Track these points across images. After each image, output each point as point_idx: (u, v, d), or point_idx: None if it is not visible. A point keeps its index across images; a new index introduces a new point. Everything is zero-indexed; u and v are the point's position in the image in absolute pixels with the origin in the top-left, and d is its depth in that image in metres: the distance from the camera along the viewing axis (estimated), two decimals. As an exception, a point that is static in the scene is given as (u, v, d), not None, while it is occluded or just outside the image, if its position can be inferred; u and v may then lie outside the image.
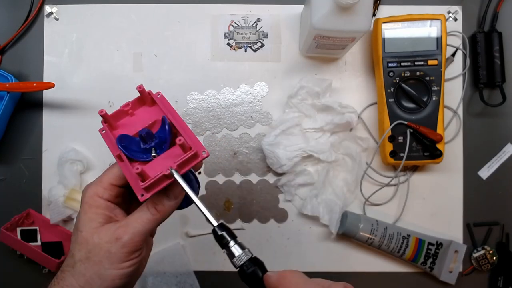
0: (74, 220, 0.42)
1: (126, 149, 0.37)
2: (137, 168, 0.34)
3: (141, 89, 0.40)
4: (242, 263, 0.30)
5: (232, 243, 0.31)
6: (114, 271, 0.36)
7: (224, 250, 0.31)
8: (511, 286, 0.65)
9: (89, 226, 0.37)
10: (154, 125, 0.40)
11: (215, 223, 0.32)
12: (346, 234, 0.63)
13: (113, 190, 0.39)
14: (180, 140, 0.35)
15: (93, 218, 0.37)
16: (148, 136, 0.38)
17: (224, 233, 0.31)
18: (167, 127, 0.38)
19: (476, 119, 0.67)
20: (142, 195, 0.35)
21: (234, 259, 0.30)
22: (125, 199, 0.41)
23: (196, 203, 0.33)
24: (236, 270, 0.31)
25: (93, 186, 0.39)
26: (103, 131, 0.40)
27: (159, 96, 0.41)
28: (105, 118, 0.38)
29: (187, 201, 0.39)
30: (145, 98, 0.40)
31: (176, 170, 0.35)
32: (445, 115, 0.63)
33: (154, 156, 0.37)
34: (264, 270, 0.30)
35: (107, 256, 0.36)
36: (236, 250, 0.31)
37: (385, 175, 0.66)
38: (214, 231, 0.32)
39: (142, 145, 0.38)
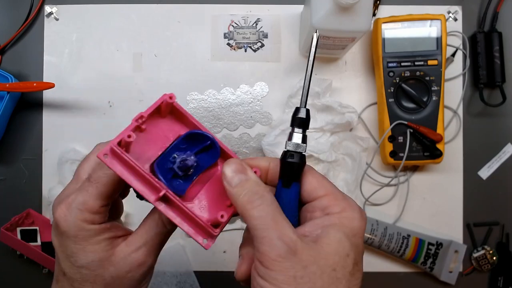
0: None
1: (171, 185, 0.31)
2: (222, 216, 0.30)
3: (172, 100, 0.31)
4: (292, 149, 0.31)
5: (300, 130, 0.31)
6: None
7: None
8: (511, 286, 0.65)
9: (94, 258, 0.32)
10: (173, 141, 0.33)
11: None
12: (346, 234, 0.63)
13: (104, 211, 0.33)
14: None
15: (95, 250, 0.32)
16: (190, 164, 0.32)
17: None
18: (218, 147, 0.33)
19: (476, 119, 0.67)
20: (206, 241, 0.31)
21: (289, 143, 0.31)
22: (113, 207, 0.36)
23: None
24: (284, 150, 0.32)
25: (74, 211, 0.31)
26: (107, 159, 0.29)
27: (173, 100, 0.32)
28: (124, 143, 0.29)
29: None
30: (162, 108, 0.32)
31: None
32: (445, 115, 0.63)
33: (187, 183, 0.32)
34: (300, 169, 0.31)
35: (131, 284, 0.33)
36: (297, 137, 0.31)
37: (385, 175, 0.66)
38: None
39: (180, 173, 0.32)
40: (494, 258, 0.65)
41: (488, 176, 0.67)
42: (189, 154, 0.32)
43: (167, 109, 0.32)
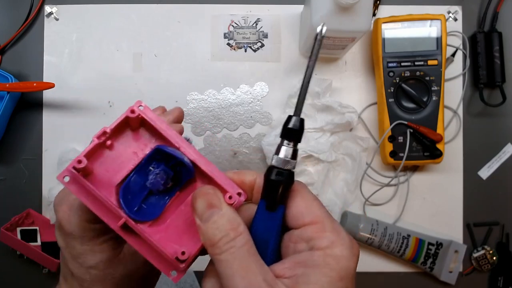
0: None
1: (138, 214, 0.27)
2: (183, 253, 0.26)
3: (134, 114, 0.27)
4: (279, 166, 0.26)
5: (291, 144, 0.26)
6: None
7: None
8: (511, 286, 0.65)
9: (103, 258, 0.31)
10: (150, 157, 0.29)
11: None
12: (346, 234, 0.63)
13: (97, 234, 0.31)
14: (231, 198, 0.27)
15: (103, 249, 0.31)
16: (167, 184, 0.28)
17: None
18: (190, 168, 0.28)
19: (476, 119, 0.67)
20: (174, 273, 0.27)
21: (276, 158, 0.26)
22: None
23: None
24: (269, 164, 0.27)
25: (77, 211, 0.30)
26: (68, 181, 0.26)
27: (141, 107, 0.28)
28: (80, 168, 0.26)
29: None
30: (131, 121, 0.28)
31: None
32: (445, 115, 0.63)
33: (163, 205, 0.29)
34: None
35: (141, 281, 0.33)
36: (286, 152, 0.26)
37: (385, 175, 0.66)
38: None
39: (155, 196, 0.29)
40: (494, 258, 0.65)
41: (488, 176, 0.67)
42: (163, 167, 0.28)
43: (136, 121, 0.28)
